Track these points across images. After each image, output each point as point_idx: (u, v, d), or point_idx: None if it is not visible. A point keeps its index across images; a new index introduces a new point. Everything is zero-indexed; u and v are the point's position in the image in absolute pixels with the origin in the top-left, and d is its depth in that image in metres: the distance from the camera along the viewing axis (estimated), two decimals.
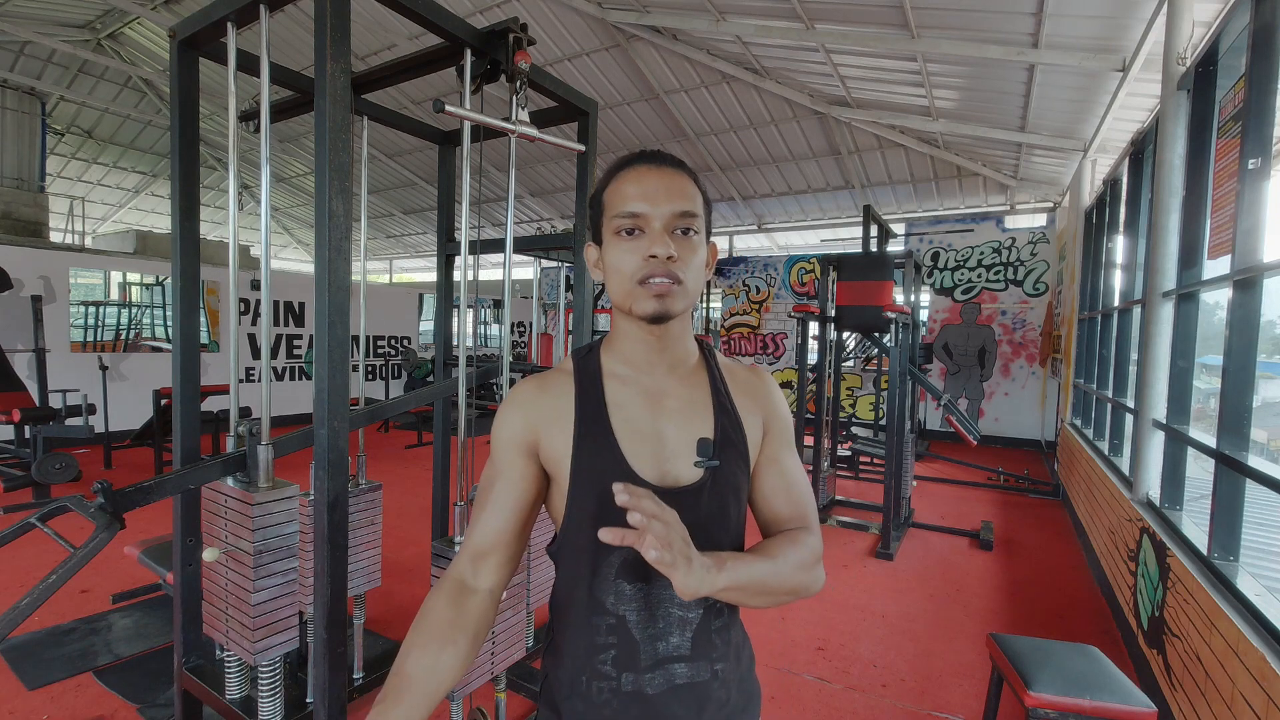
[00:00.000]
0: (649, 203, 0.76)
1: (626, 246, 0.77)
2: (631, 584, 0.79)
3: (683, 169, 0.80)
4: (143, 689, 2.34)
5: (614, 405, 0.81)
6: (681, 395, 0.83)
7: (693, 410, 0.83)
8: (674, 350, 0.84)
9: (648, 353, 0.83)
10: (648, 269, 0.76)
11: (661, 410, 0.82)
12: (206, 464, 1.69)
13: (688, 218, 0.77)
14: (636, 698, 0.78)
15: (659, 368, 0.84)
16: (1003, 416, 8.34)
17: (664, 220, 0.76)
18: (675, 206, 0.76)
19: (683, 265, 0.76)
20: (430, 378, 8.78)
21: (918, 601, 3.35)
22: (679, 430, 0.81)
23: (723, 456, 0.81)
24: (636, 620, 0.78)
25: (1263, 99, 2.09)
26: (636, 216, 0.76)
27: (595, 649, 0.79)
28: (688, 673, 0.79)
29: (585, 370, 0.85)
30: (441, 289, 2.74)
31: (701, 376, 0.86)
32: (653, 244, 0.75)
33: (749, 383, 0.89)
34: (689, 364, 0.87)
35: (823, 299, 4.59)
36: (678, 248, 0.76)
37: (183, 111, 1.83)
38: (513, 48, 1.78)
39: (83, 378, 6.27)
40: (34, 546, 3.45)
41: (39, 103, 10.10)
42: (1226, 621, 1.77)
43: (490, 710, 2.17)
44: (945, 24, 4.95)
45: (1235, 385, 2.10)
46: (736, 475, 0.82)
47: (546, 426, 0.81)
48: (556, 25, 7.16)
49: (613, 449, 0.79)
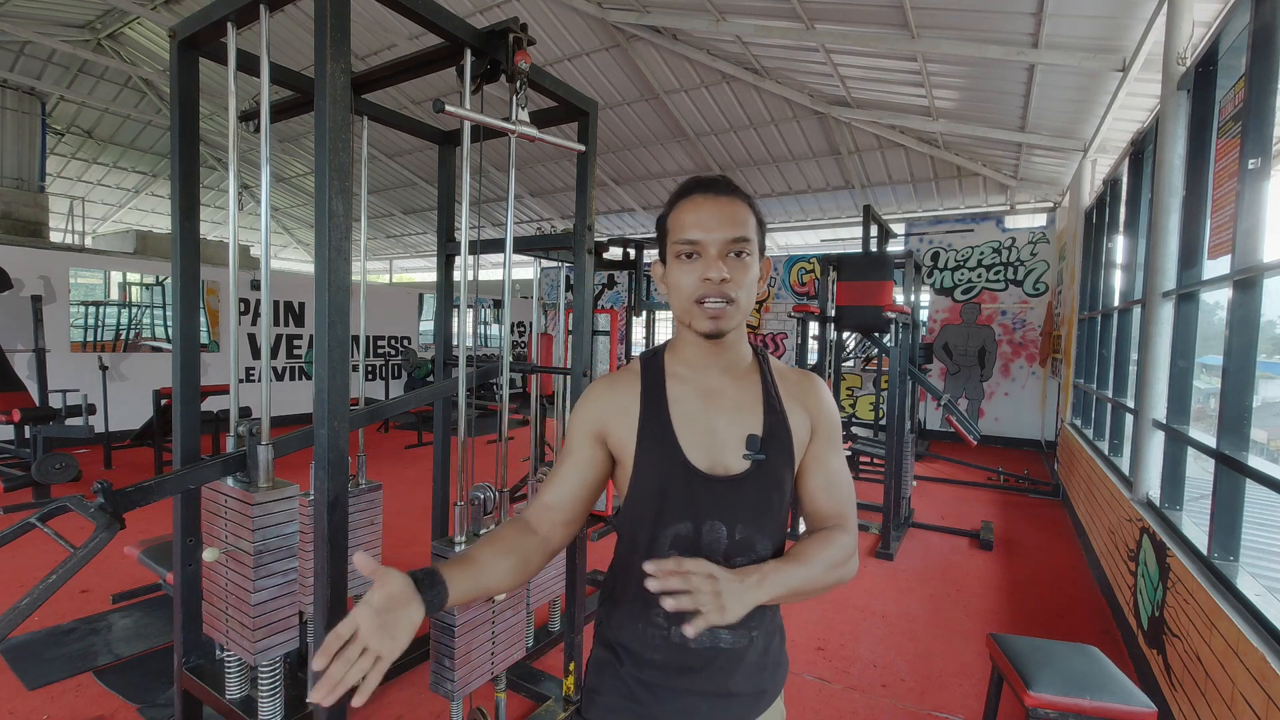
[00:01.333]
0: (705, 230, 0.85)
1: (686, 268, 0.87)
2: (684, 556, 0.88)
3: (737, 195, 0.89)
4: (143, 689, 2.34)
5: (674, 401, 0.93)
6: (735, 395, 0.94)
7: (744, 408, 0.93)
8: (728, 355, 0.94)
9: (705, 357, 0.93)
10: (703, 290, 0.86)
11: (716, 407, 0.92)
12: (206, 464, 1.69)
13: (740, 242, 0.86)
14: (682, 649, 0.90)
15: (715, 370, 0.94)
16: (1003, 416, 8.34)
17: (719, 246, 0.85)
18: (729, 234, 0.85)
19: (735, 286, 0.86)
20: (430, 378, 8.78)
21: (918, 601, 3.35)
22: (730, 425, 0.91)
23: (768, 451, 0.90)
24: None
25: (1263, 99, 2.09)
26: (694, 243, 0.86)
27: (650, 604, 0.90)
28: (730, 638, 0.90)
29: (650, 370, 0.96)
30: (441, 289, 2.74)
31: (754, 379, 0.96)
32: (708, 268, 0.85)
33: (800, 386, 0.98)
34: (743, 366, 0.96)
35: (823, 299, 4.59)
36: (731, 270, 0.85)
37: (183, 111, 1.83)
38: (513, 48, 1.78)
39: (83, 378, 6.27)
40: (34, 546, 3.45)
41: (39, 103, 10.10)
42: (1226, 621, 1.77)
43: (490, 710, 2.17)
44: (945, 24, 4.95)
45: (1235, 385, 2.10)
46: (780, 470, 0.91)
47: (615, 418, 0.94)
48: (556, 25, 7.16)
49: (670, 438, 0.90)
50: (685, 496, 0.89)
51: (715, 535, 0.89)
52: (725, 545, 0.89)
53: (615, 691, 0.94)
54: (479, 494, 1.95)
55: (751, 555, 0.90)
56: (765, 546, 0.91)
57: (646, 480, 0.90)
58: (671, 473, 0.89)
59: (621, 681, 0.94)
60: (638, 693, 0.92)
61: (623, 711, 0.93)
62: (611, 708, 0.94)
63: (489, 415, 8.82)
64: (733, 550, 0.89)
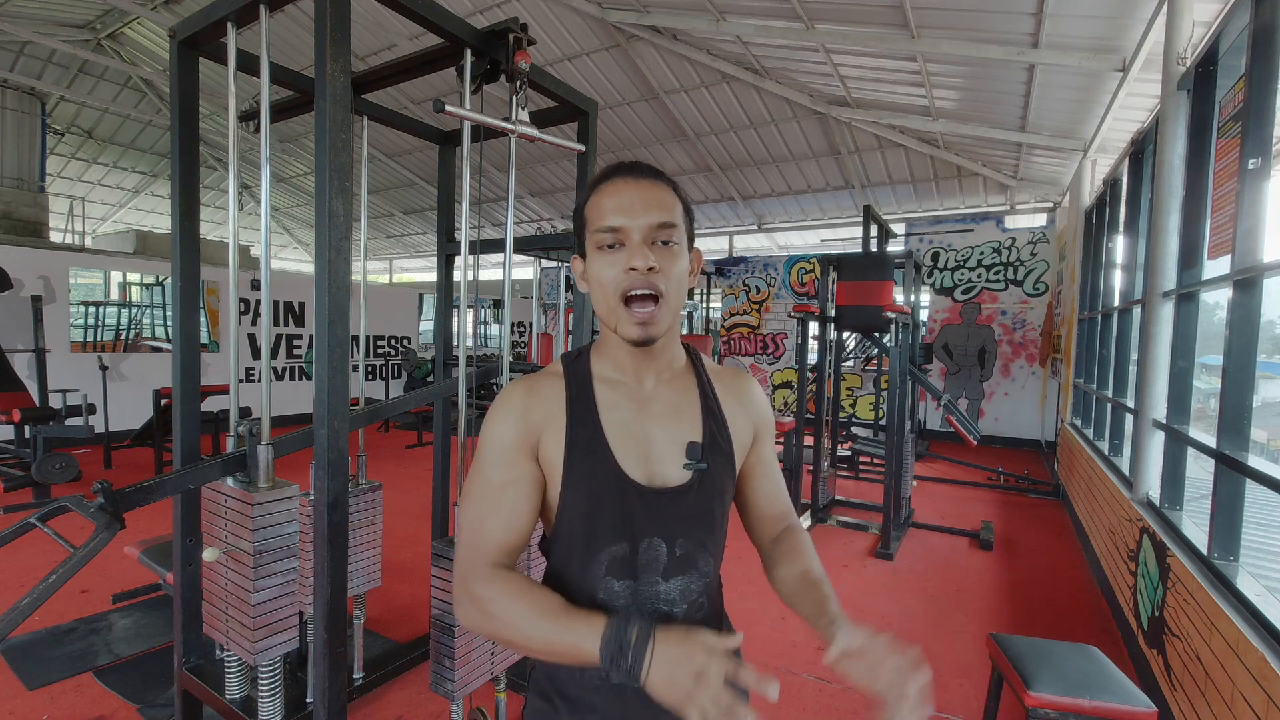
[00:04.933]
0: (627, 215, 0.77)
1: (608, 260, 0.78)
2: (620, 581, 0.81)
3: (661, 179, 0.81)
4: (143, 689, 2.35)
5: (604, 408, 0.83)
6: (669, 400, 0.86)
7: (680, 415, 0.85)
8: (661, 357, 0.86)
9: (635, 360, 0.85)
10: (628, 281, 0.77)
11: (650, 414, 0.84)
12: (206, 464, 1.69)
13: (666, 229, 0.78)
14: (620, 691, 0.80)
15: (647, 374, 0.86)
16: (1003, 416, 8.34)
17: (642, 232, 0.77)
18: (653, 218, 0.77)
19: (663, 276, 0.77)
20: (430, 378, 8.78)
21: (918, 601, 3.35)
22: (667, 433, 0.84)
23: (710, 460, 0.84)
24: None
25: (1263, 99, 2.09)
26: (616, 230, 0.77)
27: None
28: None
29: (575, 374, 0.86)
30: (441, 289, 2.74)
31: (690, 381, 0.89)
32: (632, 256, 0.77)
33: (736, 386, 0.92)
34: (677, 369, 0.89)
35: (823, 299, 4.59)
36: (658, 258, 0.77)
37: (183, 111, 1.83)
38: (513, 48, 1.78)
39: (83, 378, 6.27)
40: (34, 546, 3.45)
41: (39, 103, 10.10)
42: (1226, 621, 1.77)
43: (490, 710, 2.17)
44: (945, 24, 4.95)
45: (1235, 385, 2.10)
46: (723, 478, 0.85)
47: (542, 430, 0.82)
48: (556, 25, 7.16)
49: (603, 449, 0.81)
50: (620, 513, 0.79)
51: (654, 554, 0.81)
52: (664, 564, 0.81)
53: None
54: None
55: (693, 573, 0.83)
56: (707, 562, 0.84)
57: (576, 498, 0.80)
58: (605, 487, 0.80)
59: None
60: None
61: None
62: None
63: None
64: (673, 568, 0.81)
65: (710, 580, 0.86)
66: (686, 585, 0.83)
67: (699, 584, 0.84)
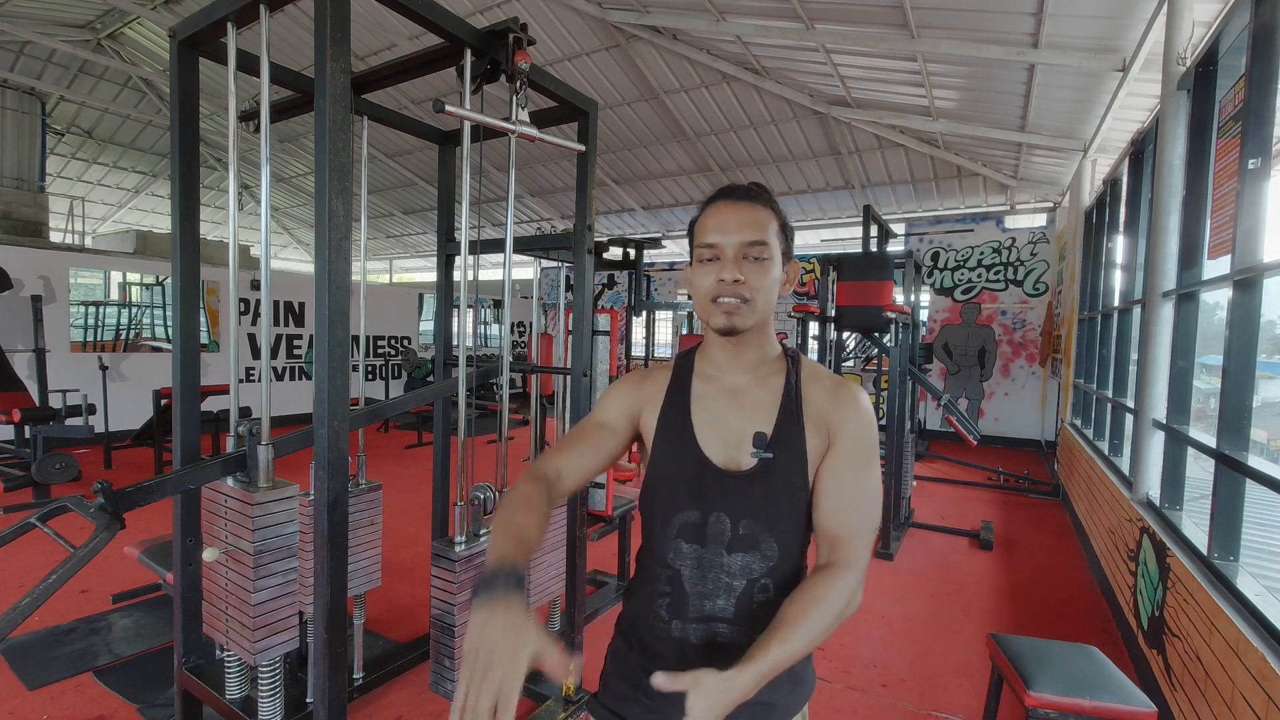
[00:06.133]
0: (722, 234, 0.90)
1: (705, 270, 0.91)
2: (689, 544, 0.92)
3: (759, 200, 0.92)
4: (143, 689, 2.35)
5: (697, 397, 0.98)
6: (756, 394, 0.96)
7: (762, 407, 0.95)
8: (752, 354, 0.97)
9: (729, 356, 0.97)
10: (718, 290, 0.90)
11: (736, 405, 0.95)
12: (206, 464, 1.69)
13: (756, 246, 0.89)
14: (682, 644, 0.92)
15: (738, 368, 0.97)
16: (1003, 416, 8.33)
17: (735, 249, 0.89)
18: (744, 237, 0.89)
19: (749, 287, 0.89)
20: (430, 378, 8.78)
21: (918, 601, 3.35)
22: (746, 423, 0.94)
23: (777, 452, 0.91)
24: (690, 576, 0.92)
25: (1263, 99, 2.09)
26: (713, 247, 0.90)
27: (656, 594, 0.95)
28: (729, 634, 0.91)
29: (681, 367, 1.02)
30: (441, 289, 2.74)
31: (778, 380, 0.97)
32: (723, 269, 0.89)
33: (831, 394, 0.95)
34: (768, 367, 0.98)
35: (823, 299, 4.59)
36: (747, 272, 0.89)
37: (183, 111, 1.83)
38: (513, 48, 1.77)
39: (83, 378, 6.27)
40: (34, 546, 3.45)
41: (39, 103, 10.09)
42: (1226, 621, 1.77)
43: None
44: (945, 24, 4.95)
45: (1235, 385, 2.10)
46: (790, 472, 0.91)
47: (647, 404, 1.01)
48: (556, 25, 7.15)
49: (687, 430, 0.95)
50: (694, 486, 0.92)
51: (720, 527, 0.91)
52: (729, 539, 0.91)
53: (625, 680, 0.97)
54: (479, 494, 1.95)
55: (755, 553, 0.90)
56: (771, 546, 0.91)
57: (662, 465, 0.95)
58: (684, 462, 0.93)
59: (631, 670, 0.97)
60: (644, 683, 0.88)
61: (631, 701, 0.96)
62: (621, 696, 0.97)
63: (489, 415, 8.83)
64: (736, 544, 0.91)
65: (775, 564, 0.91)
66: (748, 563, 0.91)
67: (761, 565, 0.91)
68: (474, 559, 1.74)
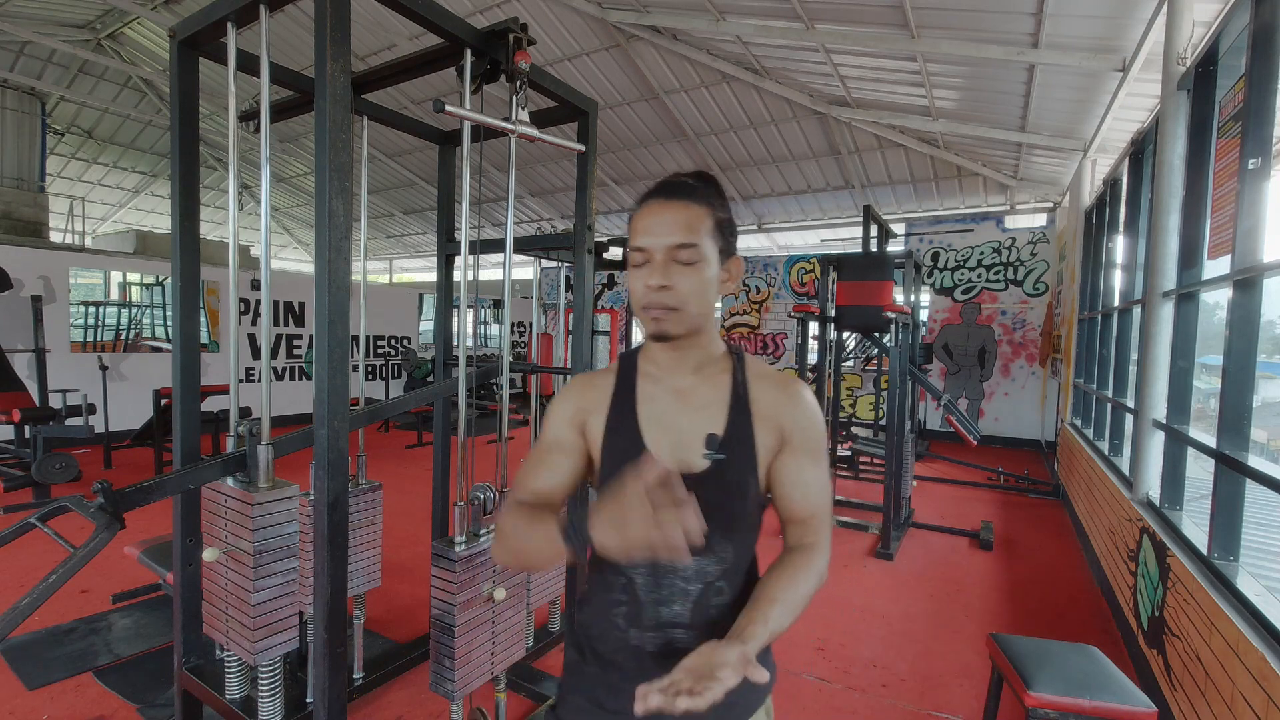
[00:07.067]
0: (651, 236, 0.86)
1: (637, 274, 0.88)
2: None
3: (693, 198, 0.88)
4: (143, 689, 2.35)
5: (643, 399, 0.95)
6: (703, 395, 0.94)
7: (710, 408, 0.93)
8: (696, 355, 0.95)
9: (671, 358, 0.95)
10: (647, 297, 0.87)
11: (683, 406, 0.93)
12: (206, 464, 1.69)
13: (686, 249, 0.85)
14: (639, 653, 0.90)
15: (683, 370, 0.95)
16: (1003, 416, 8.34)
17: (663, 253, 0.86)
18: (673, 239, 0.85)
19: (676, 294, 0.86)
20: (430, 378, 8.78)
21: (918, 601, 3.35)
22: (694, 425, 0.92)
23: (729, 453, 0.90)
24: (644, 584, 0.90)
25: (1263, 99, 2.09)
26: (642, 250, 0.87)
27: (611, 603, 0.92)
28: (687, 639, 0.89)
29: (625, 369, 0.99)
30: (441, 289, 2.74)
31: (725, 379, 0.95)
32: (651, 274, 0.86)
33: (779, 391, 0.95)
34: (714, 367, 0.96)
35: (823, 299, 4.59)
36: (675, 277, 0.85)
37: (183, 111, 1.83)
38: (513, 48, 1.78)
39: (83, 378, 6.27)
40: (34, 546, 3.45)
41: (39, 103, 10.09)
42: (1226, 621, 1.77)
43: (490, 710, 2.17)
44: (945, 24, 4.95)
45: (1235, 385, 2.10)
46: (742, 471, 0.90)
47: (591, 412, 0.96)
48: (556, 25, 7.16)
49: (635, 434, 0.92)
50: None
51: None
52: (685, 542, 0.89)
53: (582, 693, 0.95)
54: (479, 494, 1.95)
55: (710, 556, 0.89)
56: (725, 549, 0.90)
57: (611, 472, 0.91)
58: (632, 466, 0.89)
59: (588, 682, 0.95)
60: (602, 695, 0.92)
61: (589, 713, 0.94)
62: (579, 709, 0.95)
63: (489, 415, 8.82)
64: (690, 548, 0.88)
65: (729, 567, 0.91)
66: (703, 567, 0.89)
67: (716, 568, 0.90)
68: (474, 559, 1.74)
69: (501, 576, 1.82)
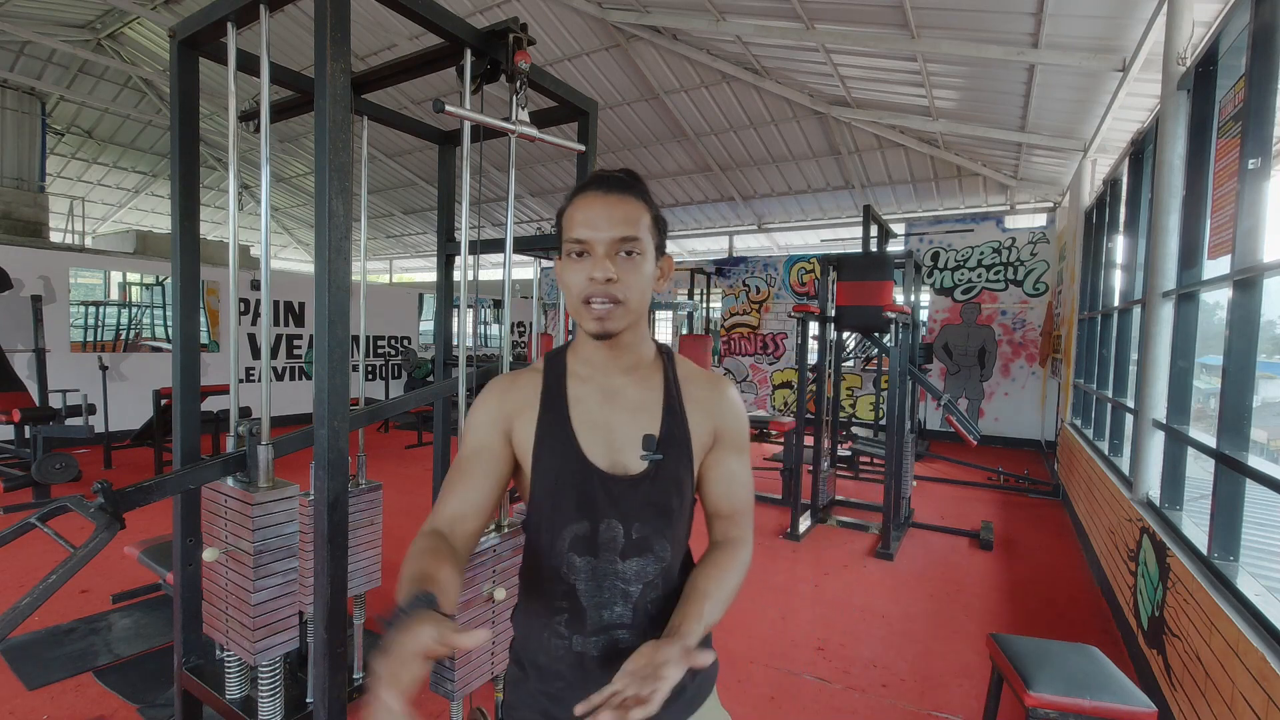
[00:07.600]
0: (592, 229, 0.84)
1: (575, 267, 0.86)
2: (581, 557, 0.89)
3: (630, 192, 0.87)
4: (143, 689, 2.35)
5: (574, 400, 0.92)
6: (635, 395, 0.93)
7: (644, 409, 0.93)
8: (629, 355, 0.93)
9: (603, 357, 0.93)
10: (590, 289, 0.84)
11: (615, 407, 0.92)
12: (206, 464, 1.69)
13: (628, 241, 0.85)
14: (582, 659, 0.89)
15: (614, 369, 0.93)
16: (1003, 416, 8.34)
17: (606, 245, 0.84)
18: (616, 232, 0.84)
19: (622, 286, 0.85)
20: (430, 378, 8.77)
21: (918, 601, 3.35)
22: (628, 425, 0.91)
23: (665, 453, 0.90)
24: (585, 589, 0.89)
25: (1263, 99, 2.09)
26: (583, 242, 0.85)
27: (552, 611, 0.91)
28: (629, 639, 0.89)
29: (553, 369, 0.96)
30: (441, 289, 2.74)
31: (657, 379, 0.95)
32: (594, 267, 0.84)
33: (708, 390, 0.96)
34: (645, 367, 0.96)
35: (823, 299, 4.59)
36: (619, 269, 0.84)
37: (183, 111, 1.83)
38: (513, 48, 1.77)
39: (83, 378, 6.27)
40: (34, 546, 3.45)
41: (39, 103, 10.10)
42: (1226, 621, 1.77)
43: (490, 710, 2.17)
44: (945, 24, 4.95)
45: (1235, 385, 2.10)
46: (679, 471, 0.91)
47: (517, 415, 0.93)
48: (556, 25, 7.16)
49: (569, 436, 0.90)
50: (582, 494, 0.88)
51: (612, 534, 0.89)
52: (622, 545, 0.89)
53: (528, 706, 0.93)
54: None
55: (649, 556, 0.90)
56: (664, 548, 0.91)
57: (544, 477, 0.89)
58: (569, 470, 0.88)
59: (532, 697, 0.93)
60: (547, 706, 0.91)
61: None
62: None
63: None
64: (630, 550, 0.89)
65: (667, 565, 0.92)
66: (642, 567, 0.90)
67: (655, 567, 0.90)
68: (473, 559, 1.73)
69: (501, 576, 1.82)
